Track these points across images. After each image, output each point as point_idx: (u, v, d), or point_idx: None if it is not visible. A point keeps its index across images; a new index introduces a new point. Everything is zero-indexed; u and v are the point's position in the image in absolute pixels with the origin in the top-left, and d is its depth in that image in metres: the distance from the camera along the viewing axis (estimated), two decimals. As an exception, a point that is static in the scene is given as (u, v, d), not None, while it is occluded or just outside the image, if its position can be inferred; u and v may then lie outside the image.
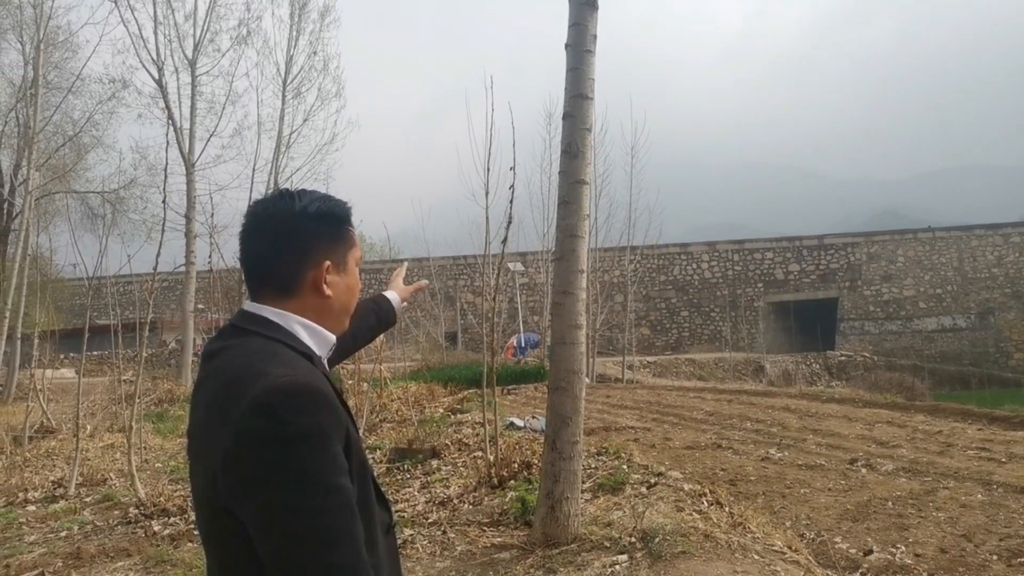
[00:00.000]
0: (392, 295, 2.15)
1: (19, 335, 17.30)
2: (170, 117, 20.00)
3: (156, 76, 20.10)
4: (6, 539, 5.57)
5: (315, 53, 21.83)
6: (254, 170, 21.13)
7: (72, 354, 26.50)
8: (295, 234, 1.30)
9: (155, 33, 20.01)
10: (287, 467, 1.10)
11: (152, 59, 19.97)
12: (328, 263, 1.31)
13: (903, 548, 5.19)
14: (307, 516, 1.09)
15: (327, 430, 1.13)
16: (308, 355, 1.26)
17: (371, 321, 2.01)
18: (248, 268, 1.33)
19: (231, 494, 1.14)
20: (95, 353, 23.61)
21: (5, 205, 21.34)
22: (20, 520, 6.03)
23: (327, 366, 1.39)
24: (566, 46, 4.17)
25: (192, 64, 20.60)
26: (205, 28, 20.66)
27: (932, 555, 5.06)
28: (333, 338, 1.36)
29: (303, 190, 1.36)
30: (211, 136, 21.04)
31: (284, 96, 21.57)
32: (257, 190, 20.84)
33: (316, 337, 1.33)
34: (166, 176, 8.57)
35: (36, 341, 12.77)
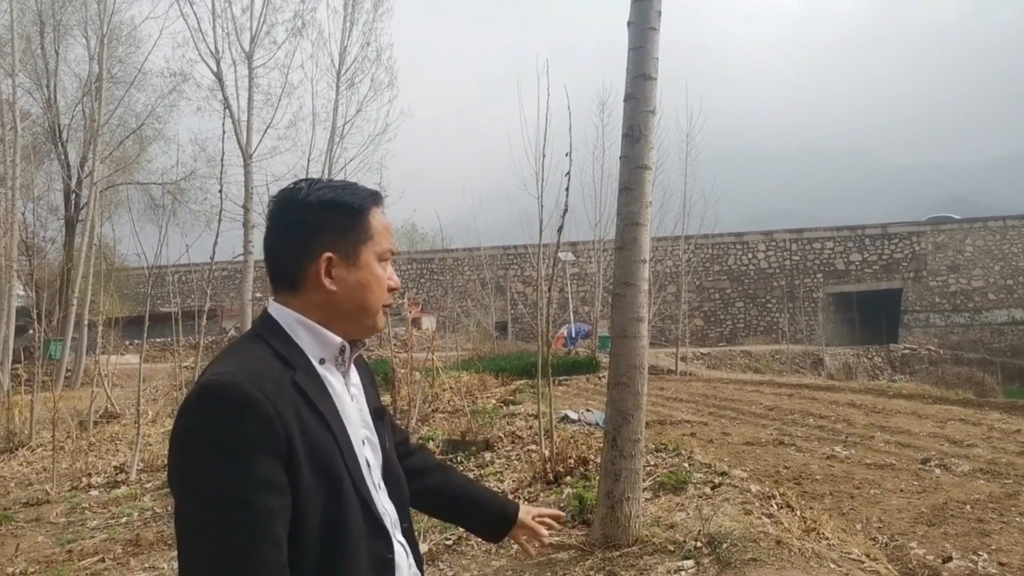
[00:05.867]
0: (524, 510, 1.70)
1: (86, 322, 17.90)
2: (228, 109, 20.38)
3: (215, 69, 20.45)
4: (70, 524, 5.70)
5: (368, 44, 21.89)
6: (309, 161, 21.33)
7: (136, 340, 27.38)
8: (298, 225, 1.22)
9: (213, 26, 20.34)
10: (194, 471, 1.05)
11: (211, 52, 20.30)
12: (330, 256, 1.20)
13: (985, 556, 4.86)
14: (205, 528, 1.02)
15: (247, 438, 1.03)
16: (284, 357, 1.16)
17: (474, 511, 1.65)
18: (265, 261, 1.27)
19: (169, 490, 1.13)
20: (158, 340, 24.33)
21: (72, 196, 22.08)
22: (83, 505, 6.17)
23: (331, 371, 1.23)
24: (628, 24, 3.96)
25: (249, 57, 20.88)
26: (261, 20, 20.89)
27: (1018, 564, 4.73)
28: (338, 340, 1.23)
29: (318, 179, 1.27)
30: (267, 128, 21.30)
31: (338, 87, 21.71)
32: (311, 182, 21.09)
33: (317, 338, 1.22)
34: (222, 167, 8.67)
35: (100, 328, 13.13)
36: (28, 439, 9.13)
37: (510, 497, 5.15)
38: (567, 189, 5.50)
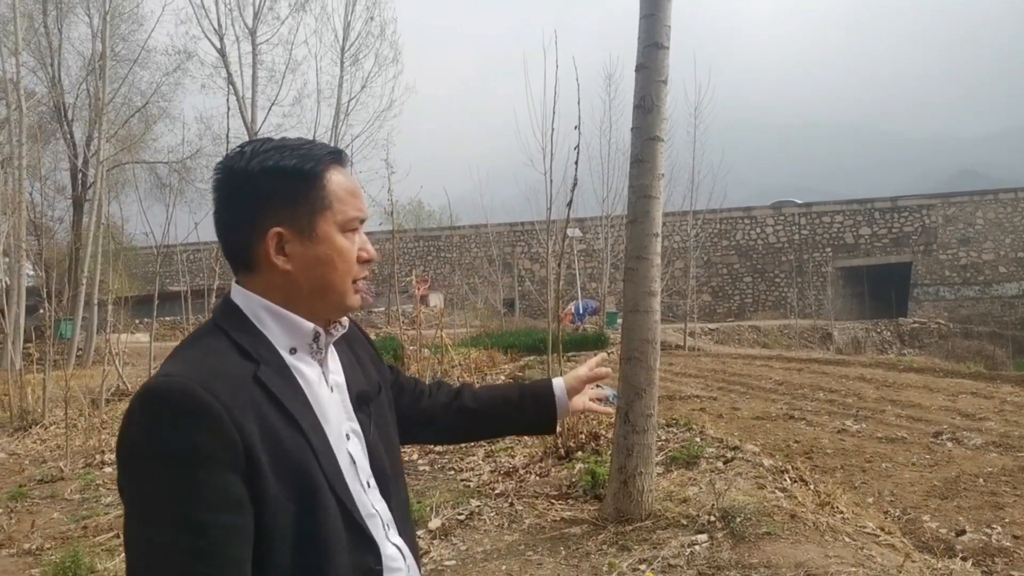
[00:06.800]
0: (558, 383, 1.52)
1: (95, 301, 17.97)
2: (232, 86, 20.25)
3: (218, 46, 20.34)
4: (84, 500, 5.74)
5: (372, 18, 21.70)
6: (314, 138, 21.17)
7: (146, 319, 27.52)
8: (242, 198, 1.08)
9: (216, 2, 20.20)
10: (141, 489, 0.93)
11: (214, 29, 20.19)
12: (279, 231, 1.06)
13: (999, 529, 4.85)
14: (156, 554, 0.91)
15: (198, 450, 0.92)
16: (246, 350, 1.04)
17: (507, 408, 1.51)
18: (218, 239, 1.14)
19: None
20: (167, 318, 24.44)
21: (79, 175, 22.05)
22: (97, 482, 6.20)
23: (306, 361, 1.11)
24: (640, -9, 3.88)
25: (252, 33, 20.73)
26: (264, -5, 20.71)
27: (1033, 537, 4.72)
28: (310, 326, 1.10)
29: (265, 140, 1.12)
30: (272, 105, 21.27)
31: (342, 63, 21.56)
32: (317, 159, 21.02)
33: (285, 325, 1.09)
34: (228, 144, 8.61)
35: (110, 307, 13.15)
36: (41, 417, 9.18)
37: (520, 473, 5.17)
38: (576, 163, 5.44)
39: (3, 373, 10.46)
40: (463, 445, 6.31)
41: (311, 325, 1.10)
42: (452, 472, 5.49)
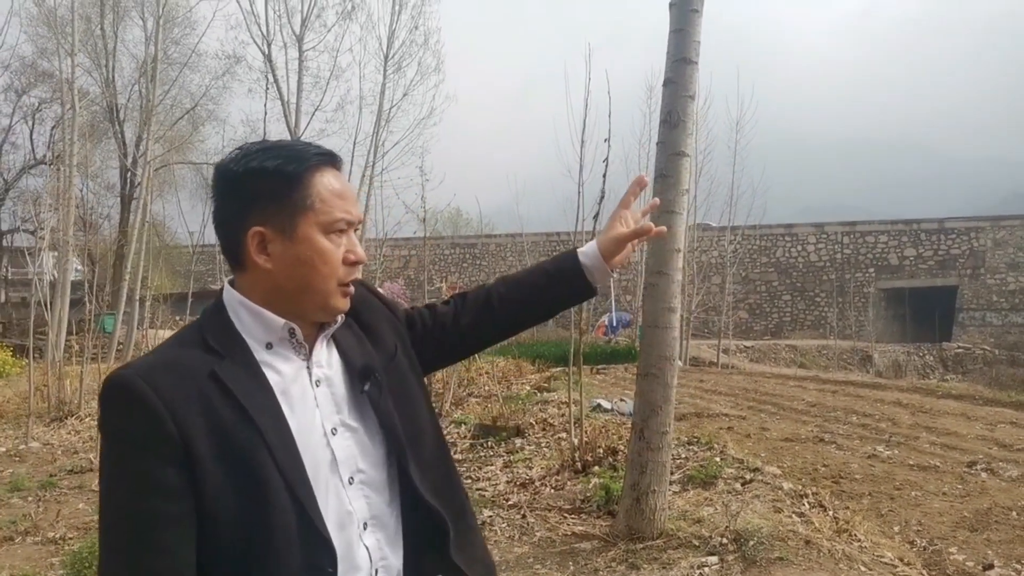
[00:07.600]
0: (590, 251, 1.42)
1: (137, 297, 18.42)
2: (278, 92, 20.65)
3: (265, 51, 20.74)
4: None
5: (416, 27, 21.86)
6: (355, 144, 21.44)
7: (188, 316, 28.14)
8: (230, 198, 1.12)
9: (265, 8, 20.63)
10: (99, 468, 1.06)
11: (262, 35, 20.60)
12: (260, 230, 1.08)
13: (1031, 565, 4.67)
14: (103, 528, 1.02)
15: (133, 438, 1.00)
16: (211, 346, 1.07)
17: (536, 300, 1.49)
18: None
19: None
20: (205, 317, 24.91)
21: (128, 174, 22.66)
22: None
23: (284, 356, 1.11)
24: (670, 5, 3.86)
25: (299, 39, 21.09)
26: (312, 3, 21.08)
27: (1066, 576, 4.54)
28: (280, 322, 1.10)
29: (257, 143, 1.15)
30: (316, 110, 21.56)
31: (385, 71, 21.75)
32: (357, 164, 21.22)
33: (260, 321, 1.11)
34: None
35: (149, 303, 13.44)
36: (77, 408, 9.40)
37: (535, 485, 5.14)
38: (604, 176, 5.42)
39: (44, 364, 10.76)
40: (482, 455, 6.32)
41: (282, 321, 1.11)
42: (469, 481, 5.49)
